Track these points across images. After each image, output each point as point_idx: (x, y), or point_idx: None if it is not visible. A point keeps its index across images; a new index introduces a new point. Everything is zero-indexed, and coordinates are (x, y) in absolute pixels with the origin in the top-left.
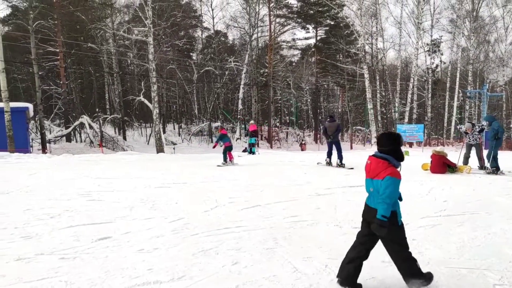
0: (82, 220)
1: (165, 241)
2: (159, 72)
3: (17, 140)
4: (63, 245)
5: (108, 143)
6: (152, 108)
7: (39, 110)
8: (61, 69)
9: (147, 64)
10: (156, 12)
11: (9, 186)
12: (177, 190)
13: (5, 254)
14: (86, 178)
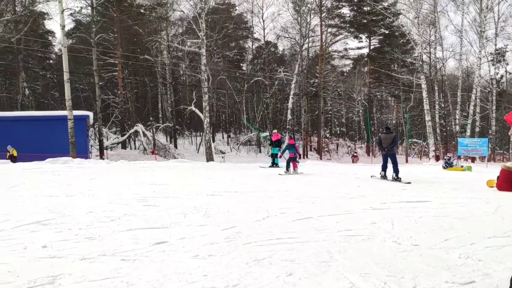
0: (140, 224)
1: (219, 248)
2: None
3: (78, 146)
4: (123, 247)
5: (160, 151)
6: (202, 118)
7: (98, 118)
8: (119, 80)
9: (199, 74)
10: (209, 24)
11: (73, 189)
12: (228, 199)
13: (71, 254)
14: (141, 184)
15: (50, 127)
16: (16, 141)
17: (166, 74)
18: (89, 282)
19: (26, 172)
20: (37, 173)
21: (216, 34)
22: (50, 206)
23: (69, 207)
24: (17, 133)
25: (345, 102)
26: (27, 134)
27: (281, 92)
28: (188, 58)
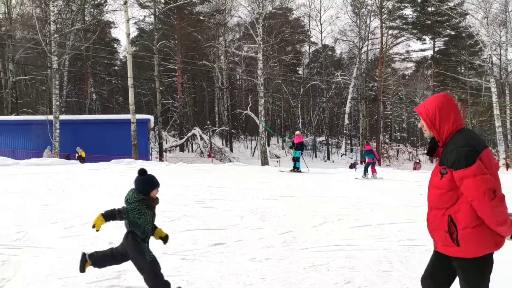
0: (198, 225)
1: (275, 252)
2: (266, 86)
3: (140, 148)
4: (183, 247)
5: (216, 154)
6: (258, 122)
7: (158, 121)
8: (178, 85)
9: (256, 79)
10: (266, 29)
11: None
12: (284, 203)
13: None
14: (199, 186)
15: (114, 129)
16: (84, 142)
17: (223, 79)
18: None
19: (93, 173)
20: (103, 173)
21: (272, 38)
22: (116, 205)
23: None
24: (85, 135)
25: (406, 107)
26: (94, 136)
27: (338, 96)
28: (245, 63)
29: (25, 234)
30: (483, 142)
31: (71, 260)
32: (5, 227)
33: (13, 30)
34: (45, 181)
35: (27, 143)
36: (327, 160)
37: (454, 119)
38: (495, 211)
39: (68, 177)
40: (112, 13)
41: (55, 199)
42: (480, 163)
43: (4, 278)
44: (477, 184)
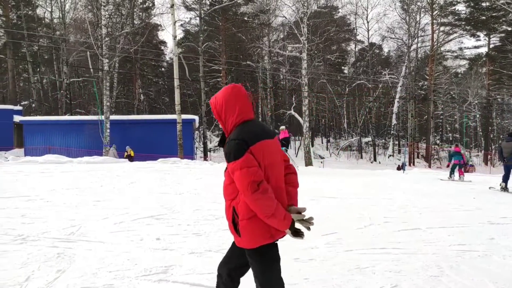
0: None
1: (319, 253)
2: (311, 86)
3: (185, 148)
4: (227, 244)
5: None
6: (302, 122)
7: (203, 122)
8: (222, 85)
9: (300, 79)
10: (311, 28)
11: (181, 188)
12: (328, 204)
13: (181, 247)
14: None
15: (161, 129)
16: (132, 142)
17: (266, 79)
18: (198, 275)
19: (141, 171)
20: (150, 171)
21: (317, 38)
22: (162, 202)
23: (178, 204)
24: (133, 134)
25: (459, 106)
26: (142, 136)
27: (385, 96)
28: (289, 62)
29: (78, 228)
30: (261, 135)
31: (122, 254)
32: (60, 221)
33: (67, 34)
34: (97, 179)
35: (80, 142)
36: (373, 161)
37: (239, 112)
38: (258, 203)
39: (118, 175)
40: (159, 16)
41: (106, 196)
42: (249, 156)
43: (60, 269)
44: (242, 177)
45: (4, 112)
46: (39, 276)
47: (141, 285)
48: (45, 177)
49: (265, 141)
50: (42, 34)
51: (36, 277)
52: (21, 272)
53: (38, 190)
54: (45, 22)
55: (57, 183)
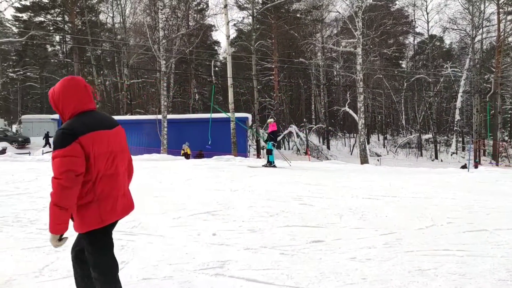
0: (296, 222)
1: (377, 253)
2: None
3: (239, 146)
4: (282, 241)
5: (313, 152)
6: (357, 119)
7: (256, 119)
8: (275, 83)
9: (354, 74)
10: (366, 23)
11: (235, 185)
12: (386, 203)
13: (236, 243)
14: (296, 183)
15: (215, 128)
16: (188, 140)
17: (319, 75)
18: (253, 271)
19: (197, 168)
20: (205, 169)
21: (373, 32)
22: (218, 199)
23: (233, 201)
24: (188, 133)
25: None
26: (197, 134)
27: (447, 90)
28: (343, 58)
29: (139, 222)
30: (95, 125)
31: (181, 248)
32: None
33: (127, 38)
34: (155, 175)
35: (140, 140)
36: (435, 159)
37: (76, 103)
38: (63, 192)
39: (175, 172)
40: (213, 17)
41: (164, 192)
42: (75, 146)
43: (123, 261)
44: (61, 164)
45: None
46: None
47: (199, 278)
48: None
49: (99, 132)
50: (105, 39)
51: None
52: None
53: None
54: (107, 27)
55: None
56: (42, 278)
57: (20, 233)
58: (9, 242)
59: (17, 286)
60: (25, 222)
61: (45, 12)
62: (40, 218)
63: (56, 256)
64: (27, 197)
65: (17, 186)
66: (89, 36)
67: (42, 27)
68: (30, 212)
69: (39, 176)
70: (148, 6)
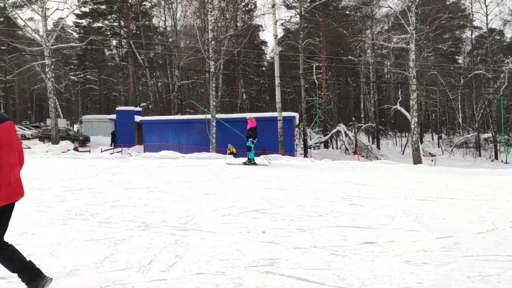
0: (347, 222)
1: (434, 257)
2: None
3: (286, 145)
4: (332, 242)
5: (362, 151)
6: (409, 117)
7: (303, 119)
8: (322, 82)
9: (406, 71)
10: (419, 17)
11: (284, 184)
12: (442, 205)
13: (286, 242)
14: (346, 183)
15: (262, 127)
16: (235, 139)
17: (369, 73)
18: (303, 270)
19: (245, 166)
20: (253, 167)
21: (427, 26)
22: (267, 197)
23: (281, 199)
24: (235, 132)
25: None
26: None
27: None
28: (394, 55)
29: (191, 218)
30: None
31: (231, 244)
32: (176, 212)
33: (178, 40)
34: (205, 173)
35: (190, 138)
36: (495, 159)
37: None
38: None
39: (224, 170)
40: (261, 17)
41: (214, 189)
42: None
43: (177, 255)
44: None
45: (127, 113)
46: (160, 260)
47: (249, 275)
48: (162, 171)
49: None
50: (157, 42)
51: (157, 260)
52: (145, 255)
53: (157, 183)
54: (160, 31)
55: (172, 176)
56: (103, 269)
57: (82, 226)
58: (73, 234)
59: (80, 275)
60: (87, 216)
61: (103, 18)
62: (100, 212)
63: (116, 248)
64: (88, 192)
65: (79, 182)
66: (143, 39)
67: (100, 32)
68: (91, 206)
69: (99, 173)
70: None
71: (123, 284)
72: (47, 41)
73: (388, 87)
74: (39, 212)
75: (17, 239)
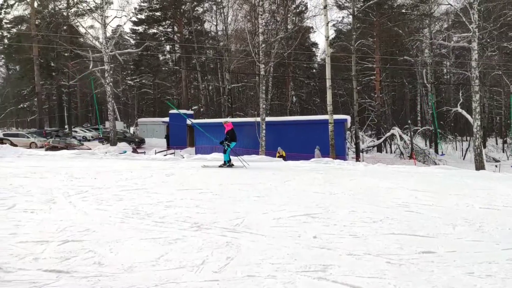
0: (403, 230)
1: (499, 269)
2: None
3: (337, 148)
4: (388, 250)
5: (418, 156)
6: (471, 120)
7: (355, 121)
8: (376, 83)
9: (468, 72)
10: (482, 14)
11: (335, 188)
12: (509, 214)
13: (338, 247)
14: (402, 189)
15: (312, 130)
16: (285, 142)
17: (427, 74)
18: (357, 277)
19: (294, 170)
20: (303, 171)
21: (491, 24)
22: (317, 201)
23: (332, 204)
24: (285, 135)
25: None
26: (294, 136)
27: None
28: (454, 54)
29: (242, 220)
30: None
31: (282, 248)
32: (227, 213)
33: (229, 44)
34: (255, 176)
35: (240, 141)
36: None
37: None
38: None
39: (273, 173)
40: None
41: (264, 192)
42: None
43: (229, 257)
44: None
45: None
46: (212, 261)
47: (301, 280)
48: (213, 173)
49: None
50: (209, 46)
51: (210, 261)
52: (198, 256)
53: (208, 184)
54: (211, 35)
55: (223, 178)
56: (158, 267)
57: (139, 224)
58: (130, 232)
59: (138, 272)
60: (143, 215)
61: (158, 24)
62: (155, 212)
63: (170, 247)
64: (143, 192)
65: (135, 182)
66: (195, 44)
67: (155, 38)
68: (147, 206)
69: (154, 174)
70: (248, 13)
71: (177, 283)
72: (106, 48)
73: (448, 88)
74: (99, 210)
75: (80, 235)
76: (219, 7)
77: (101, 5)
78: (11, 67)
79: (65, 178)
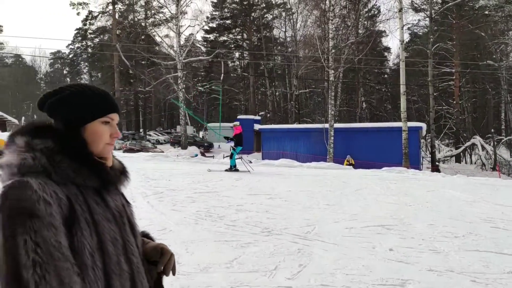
0: (489, 247)
1: None
2: None
3: (411, 157)
4: (472, 267)
5: (503, 167)
6: None
7: (431, 129)
8: (455, 89)
9: None
10: None
11: (410, 199)
12: None
13: (417, 262)
14: (486, 203)
15: (384, 137)
16: (354, 149)
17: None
18: None
19: (365, 178)
20: (375, 179)
21: None
22: (391, 212)
23: (409, 216)
24: (355, 142)
25: None
26: (364, 143)
27: None
28: None
29: (313, 228)
30: None
31: (356, 259)
32: (298, 220)
33: (297, 50)
34: (325, 183)
35: (307, 148)
36: None
37: None
38: None
39: (344, 181)
40: (385, 22)
41: (334, 200)
42: None
43: (301, 264)
44: None
45: (247, 121)
46: (285, 267)
47: None
48: (281, 179)
49: None
50: (277, 53)
51: (282, 267)
52: (270, 261)
53: (277, 190)
54: (280, 41)
55: (291, 184)
56: (232, 269)
57: (211, 226)
58: (204, 234)
59: (213, 273)
60: (215, 218)
61: (228, 32)
62: (226, 215)
63: (242, 251)
64: (214, 195)
65: (206, 185)
66: (264, 50)
67: (225, 46)
68: (218, 208)
69: (223, 178)
70: (318, 18)
71: (251, 286)
72: (180, 55)
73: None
74: (175, 211)
75: (159, 234)
76: (288, 14)
77: (176, 15)
78: (93, 74)
79: (142, 179)
